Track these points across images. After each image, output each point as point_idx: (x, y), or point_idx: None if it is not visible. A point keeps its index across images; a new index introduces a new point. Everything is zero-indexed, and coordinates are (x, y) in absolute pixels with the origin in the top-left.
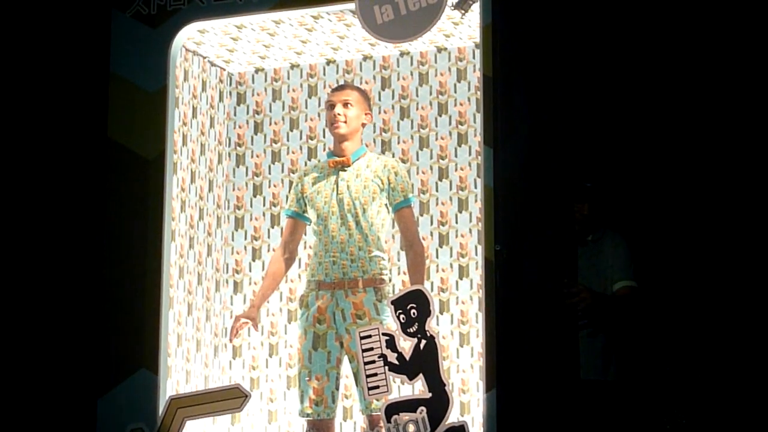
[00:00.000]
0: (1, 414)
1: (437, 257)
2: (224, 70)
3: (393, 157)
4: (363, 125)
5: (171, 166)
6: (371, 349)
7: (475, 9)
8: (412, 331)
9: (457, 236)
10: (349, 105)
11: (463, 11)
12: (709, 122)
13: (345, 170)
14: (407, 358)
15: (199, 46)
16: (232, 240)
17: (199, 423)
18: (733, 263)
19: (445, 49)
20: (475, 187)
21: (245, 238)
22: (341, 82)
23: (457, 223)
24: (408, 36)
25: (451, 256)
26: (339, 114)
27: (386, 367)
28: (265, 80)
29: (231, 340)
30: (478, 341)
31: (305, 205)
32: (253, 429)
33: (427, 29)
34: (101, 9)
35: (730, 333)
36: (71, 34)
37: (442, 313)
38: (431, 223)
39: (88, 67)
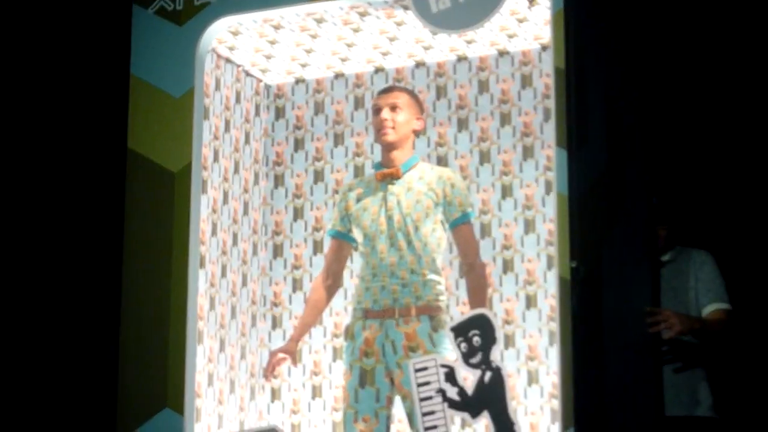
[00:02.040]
0: None
1: (501, 285)
2: (261, 81)
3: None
4: (414, 132)
5: (199, 179)
6: (428, 383)
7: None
8: (475, 362)
9: (523, 261)
10: (397, 109)
11: (530, 1)
12: None
13: (394, 183)
14: (469, 393)
15: (233, 52)
16: (270, 269)
17: None
18: None
19: (508, 52)
20: (543, 206)
21: (285, 267)
22: None
23: (522, 246)
24: (466, 26)
25: (516, 284)
26: (386, 119)
27: (445, 404)
28: (306, 92)
29: (267, 379)
30: (548, 380)
31: (350, 224)
32: None
33: (487, 18)
34: (121, 6)
35: None
36: (89, 34)
37: (507, 348)
38: (494, 248)
39: (107, 70)
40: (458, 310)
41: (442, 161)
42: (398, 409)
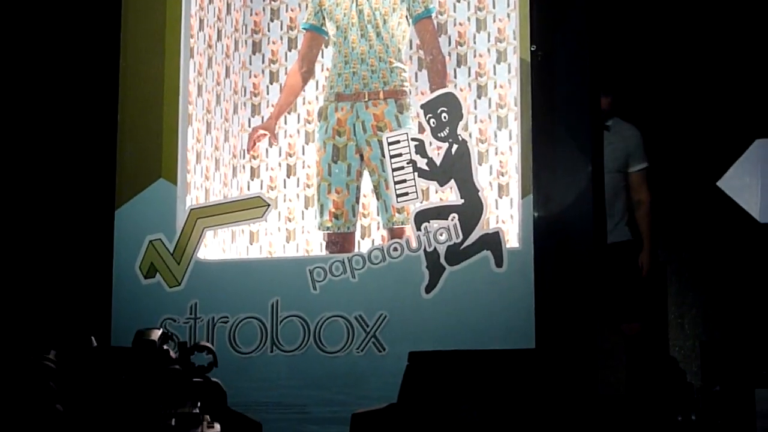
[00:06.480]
0: (17, 224)
1: (456, 77)
2: None
3: None
4: None
5: None
6: (400, 155)
7: None
8: (442, 135)
9: (475, 56)
10: None
11: None
12: None
13: None
14: (438, 163)
15: None
16: (250, 64)
17: (218, 241)
18: None
19: None
20: (494, 7)
21: (263, 62)
22: None
23: (475, 43)
24: None
25: (469, 75)
26: None
27: (416, 173)
28: None
29: (249, 151)
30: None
31: (323, 18)
32: (272, 247)
33: None
34: None
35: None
36: None
37: (481, 164)
38: (449, 44)
39: None
40: (416, 99)
41: None
42: (366, 183)
